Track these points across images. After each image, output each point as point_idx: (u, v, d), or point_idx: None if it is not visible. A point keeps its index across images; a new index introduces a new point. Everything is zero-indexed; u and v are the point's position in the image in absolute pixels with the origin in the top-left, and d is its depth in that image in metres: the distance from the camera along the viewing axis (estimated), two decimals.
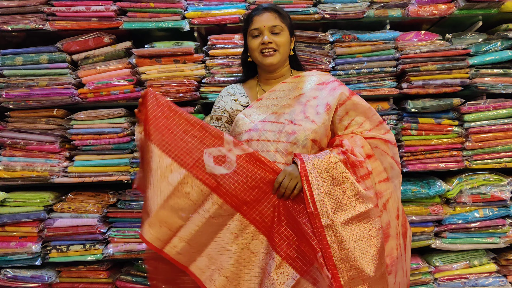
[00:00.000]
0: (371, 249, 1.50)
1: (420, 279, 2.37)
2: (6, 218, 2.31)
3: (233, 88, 1.86)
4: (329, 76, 1.81)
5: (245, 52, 1.84)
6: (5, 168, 2.32)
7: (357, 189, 1.53)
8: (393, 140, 1.73)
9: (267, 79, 1.81)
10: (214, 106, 1.85)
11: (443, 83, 2.30)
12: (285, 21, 1.73)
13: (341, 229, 1.48)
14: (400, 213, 1.70)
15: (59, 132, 2.35)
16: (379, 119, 1.73)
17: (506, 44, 2.34)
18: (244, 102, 1.78)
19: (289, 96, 1.72)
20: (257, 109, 1.71)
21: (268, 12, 1.71)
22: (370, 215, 1.53)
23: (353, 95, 1.72)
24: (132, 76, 2.33)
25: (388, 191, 1.66)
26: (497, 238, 2.37)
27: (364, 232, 1.51)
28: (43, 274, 2.35)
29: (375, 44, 2.34)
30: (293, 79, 1.77)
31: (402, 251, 1.69)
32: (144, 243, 1.54)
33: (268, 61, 1.70)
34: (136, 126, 1.69)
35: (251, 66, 1.85)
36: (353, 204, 1.52)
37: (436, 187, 2.32)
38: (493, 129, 2.35)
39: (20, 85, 2.29)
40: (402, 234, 1.71)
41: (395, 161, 1.72)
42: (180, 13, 2.32)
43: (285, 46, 1.73)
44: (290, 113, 1.66)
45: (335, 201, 1.50)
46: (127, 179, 2.34)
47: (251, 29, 1.72)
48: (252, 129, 1.65)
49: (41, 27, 2.28)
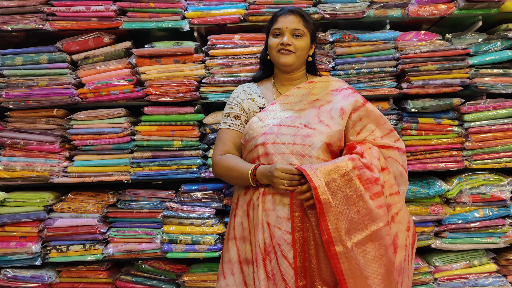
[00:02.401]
0: (381, 269, 1.51)
1: (420, 279, 2.37)
2: (6, 218, 2.30)
3: (249, 87, 1.86)
4: (343, 83, 1.85)
5: (265, 51, 1.86)
6: (5, 168, 2.32)
7: (370, 208, 1.53)
8: (404, 148, 1.76)
9: (282, 81, 1.83)
10: (230, 102, 1.83)
11: (443, 83, 2.30)
12: (308, 27, 1.76)
13: (355, 251, 1.48)
14: (411, 225, 1.71)
15: (59, 132, 2.35)
16: (390, 127, 1.76)
17: (506, 44, 2.34)
18: (260, 104, 1.79)
19: (303, 101, 1.74)
20: (271, 113, 1.72)
21: (293, 14, 1.74)
22: (382, 234, 1.53)
23: (366, 102, 1.76)
24: (132, 76, 2.33)
25: (398, 204, 1.67)
26: (497, 238, 2.37)
27: (375, 252, 1.52)
28: (43, 274, 2.36)
29: (375, 44, 2.34)
30: (307, 85, 1.80)
31: (409, 261, 1.70)
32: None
33: (283, 60, 1.73)
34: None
35: (268, 65, 1.87)
36: (366, 223, 1.52)
37: (436, 187, 2.32)
38: (493, 129, 2.35)
39: (20, 85, 2.29)
40: (411, 244, 1.71)
41: (404, 169, 1.74)
42: (180, 13, 2.31)
43: (303, 51, 1.75)
44: (304, 117, 1.68)
45: (350, 222, 1.50)
46: (127, 179, 2.33)
47: (274, 28, 1.75)
48: (267, 132, 1.66)
49: (41, 27, 2.28)
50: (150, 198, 2.39)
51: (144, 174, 2.33)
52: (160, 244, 2.33)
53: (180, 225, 2.32)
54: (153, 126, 2.34)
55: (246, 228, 1.67)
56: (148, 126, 2.34)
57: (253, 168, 1.61)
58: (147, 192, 2.39)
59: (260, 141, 1.65)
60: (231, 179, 1.72)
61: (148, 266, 2.42)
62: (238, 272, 1.66)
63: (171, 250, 2.32)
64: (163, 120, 2.33)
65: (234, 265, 1.67)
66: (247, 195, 1.69)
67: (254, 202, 1.64)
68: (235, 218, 1.71)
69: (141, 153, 2.34)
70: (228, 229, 1.76)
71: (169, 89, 2.29)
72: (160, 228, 2.35)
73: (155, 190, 2.40)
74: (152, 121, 2.34)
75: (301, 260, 1.52)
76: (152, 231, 2.35)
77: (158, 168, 2.34)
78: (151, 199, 2.39)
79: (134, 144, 2.35)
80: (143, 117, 2.35)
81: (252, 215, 1.64)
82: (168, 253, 2.33)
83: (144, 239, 2.35)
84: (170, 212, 2.32)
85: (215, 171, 1.77)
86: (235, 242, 1.69)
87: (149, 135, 2.34)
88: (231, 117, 1.79)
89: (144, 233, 2.34)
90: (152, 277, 2.43)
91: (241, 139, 1.76)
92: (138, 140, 2.34)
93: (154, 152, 2.34)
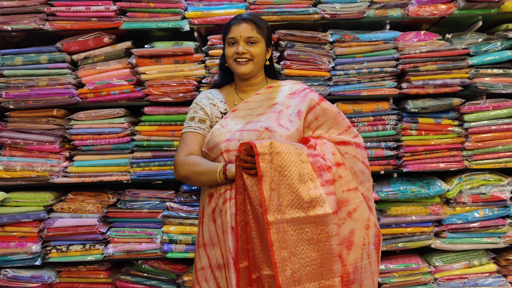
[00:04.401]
0: (313, 253, 1.52)
1: (420, 279, 2.37)
2: (6, 218, 2.30)
3: (212, 93, 1.87)
4: (301, 84, 1.86)
5: (223, 57, 1.87)
6: (5, 168, 2.32)
7: (319, 192, 1.54)
8: (362, 143, 1.76)
9: (243, 87, 1.85)
10: (194, 107, 1.83)
11: (443, 83, 2.30)
12: (262, 33, 1.77)
13: (290, 227, 1.50)
14: (371, 224, 1.69)
15: (59, 132, 2.35)
16: (348, 124, 1.77)
17: (506, 44, 2.34)
18: (222, 109, 1.81)
19: (262, 106, 1.77)
20: (232, 119, 1.74)
21: (246, 23, 1.75)
22: (327, 221, 1.53)
23: (322, 100, 1.76)
24: (132, 76, 2.33)
25: (356, 201, 1.67)
26: (497, 238, 2.37)
27: (314, 235, 1.53)
28: (43, 274, 2.35)
29: (375, 44, 2.34)
30: (266, 90, 1.83)
31: (370, 262, 1.68)
32: None
33: (241, 70, 1.76)
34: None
35: (228, 72, 1.89)
36: (313, 205, 1.53)
37: (436, 187, 2.32)
38: (493, 129, 2.35)
39: (20, 85, 2.29)
40: (374, 244, 1.70)
41: (365, 166, 1.74)
42: (180, 13, 2.31)
43: (259, 56, 1.77)
44: (265, 121, 1.70)
45: (295, 197, 1.52)
46: (127, 179, 2.33)
47: (228, 37, 1.77)
48: (230, 139, 1.67)
49: (41, 27, 2.28)
50: (150, 198, 2.39)
51: (144, 174, 2.33)
52: (160, 244, 2.33)
53: (180, 225, 2.32)
54: (153, 126, 2.34)
55: (214, 233, 1.67)
56: (148, 126, 2.34)
57: (223, 163, 1.63)
58: (147, 192, 2.39)
59: (223, 147, 1.67)
60: (196, 176, 1.67)
61: (148, 266, 2.42)
62: (211, 279, 1.67)
63: (171, 250, 2.32)
64: (163, 120, 2.33)
65: (207, 272, 1.69)
66: (211, 202, 1.69)
67: (221, 209, 1.64)
68: (203, 226, 1.72)
69: (141, 153, 2.34)
70: (197, 237, 1.77)
71: (169, 89, 2.29)
72: (160, 228, 2.35)
73: (155, 190, 2.40)
74: (152, 121, 2.34)
75: (242, 242, 1.54)
76: (152, 231, 2.35)
77: (158, 168, 2.34)
78: (151, 199, 2.39)
79: (134, 144, 2.35)
80: (143, 117, 2.35)
81: (220, 221, 1.64)
82: (168, 253, 2.33)
83: (144, 239, 2.35)
84: (170, 212, 2.32)
85: (178, 172, 1.72)
86: (205, 249, 1.70)
87: (149, 135, 2.34)
88: (195, 120, 1.79)
89: (144, 233, 2.34)
90: (152, 277, 2.43)
91: (203, 147, 1.75)
92: (138, 140, 2.34)
93: (154, 152, 2.34)
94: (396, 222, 2.35)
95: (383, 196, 2.32)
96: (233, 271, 1.55)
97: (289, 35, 2.33)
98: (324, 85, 2.34)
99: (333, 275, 1.54)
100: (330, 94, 2.34)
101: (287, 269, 1.48)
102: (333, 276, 1.54)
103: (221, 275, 1.64)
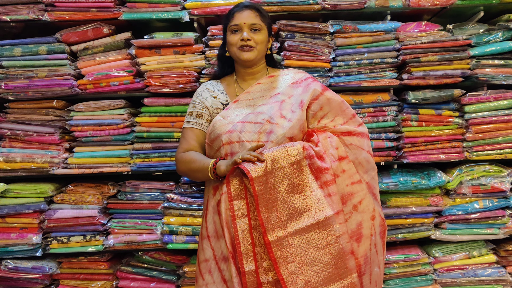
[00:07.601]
0: (325, 258, 1.52)
1: (420, 269, 2.38)
2: (6, 210, 2.31)
3: (212, 84, 1.86)
4: (303, 73, 1.84)
5: (223, 47, 1.86)
6: (5, 160, 2.32)
7: (316, 197, 1.54)
8: (367, 132, 1.76)
9: (244, 76, 1.84)
10: (193, 101, 1.83)
11: (444, 74, 2.29)
12: (265, 21, 1.77)
13: (295, 239, 1.50)
14: (376, 214, 1.70)
15: (58, 123, 2.35)
16: (352, 112, 1.77)
17: (507, 35, 2.33)
18: (223, 100, 1.80)
19: (264, 96, 1.75)
20: (234, 110, 1.73)
21: (249, 9, 1.74)
22: (330, 223, 1.53)
23: (325, 90, 1.76)
24: (131, 67, 2.32)
25: (361, 193, 1.67)
26: (496, 229, 2.38)
27: (321, 240, 1.53)
28: (44, 265, 2.36)
29: (375, 35, 2.33)
30: (268, 79, 1.81)
31: (376, 251, 1.69)
32: None
33: (246, 56, 1.73)
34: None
35: (228, 62, 1.88)
36: (313, 212, 1.53)
37: (436, 178, 2.32)
38: (493, 120, 2.35)
39: (19, 76, 2.28)
40: (380, 233, 1.71)
41: (370, 154, 1.74)
42: (179, 4, 2.30)
43: (262, 44, 1.77)
44: (267, 112, 1.69)
45: (293, 210, 1.52)
46: (127, 171, 2.33)
47: (231, 24, 1.75)
48: (231, 130, 1.67)
49: (39, 18, 2.26)
50: (150, 190, 2.39)
51: (144, 165, 2.33)
52: (160, 235, 2.33)
53: (180, 216, 2.33)
54: (153, 117, 2.33)
55: (219, 225, 1.67)
56: (148, 117, 2.34)
57: (213, 162, 1.62)
58: (147, 184, 2.39)
59: (225, 139, 1.66)
60: (192, 173, 1.71)
61: (148, 257, 2.43)
62: (215, 270, 1.67)
63: (171, 241, 2.33)
64: (163, 111, 2.33)
65: (211, 264, 1.68)
66: (216, 195, 1.69)
67: (224, 202, 1.64)
68: (207, 217, 1.72)
69: (141, 145, 2.34)
70: (201, 229, 1.77)
71: (169, 80, 2.28)
72: (160, 219, 2.35)
73: (155, 182, 2.40)
74: (152, 112, 2.34)
75: (246, 245, 1.53)
76: (152, 222, 2.35)
77: (158, 159, 2.34)
78: (151, 190, 2.39)
79: (134, 135, 2.35)
80: (143, 108, 2.35)
81: (224, 214, 1.64)
82: (168, 244, 2.34)
83: (144, 230, 2.35)
84: (171, 203, 2.32)
85: (178, 168, 1.77)
86: (209, 241, 1.69)
87: (149, 126, 2.34)
88: (193, 115, 1.79)
89: (144, 224, 2.35)
90: (152, 268, 2.43)
91: (206, 138, 1.76)
92: (138, 131, 2.34)
93: (154, 143, 2.34)
94: (396, 213, 2.36)
95: (384, 187, 2.32)
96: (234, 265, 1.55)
97: (289, 25, 2.31)
98: (324, 76, 2.33)
99: (350, 272, 1.55)
100: (331, 85, 2.33)
101: (298, 281, 1.48)
102: (350, 273, 1.55)
103: (226, 267, 1.64)
